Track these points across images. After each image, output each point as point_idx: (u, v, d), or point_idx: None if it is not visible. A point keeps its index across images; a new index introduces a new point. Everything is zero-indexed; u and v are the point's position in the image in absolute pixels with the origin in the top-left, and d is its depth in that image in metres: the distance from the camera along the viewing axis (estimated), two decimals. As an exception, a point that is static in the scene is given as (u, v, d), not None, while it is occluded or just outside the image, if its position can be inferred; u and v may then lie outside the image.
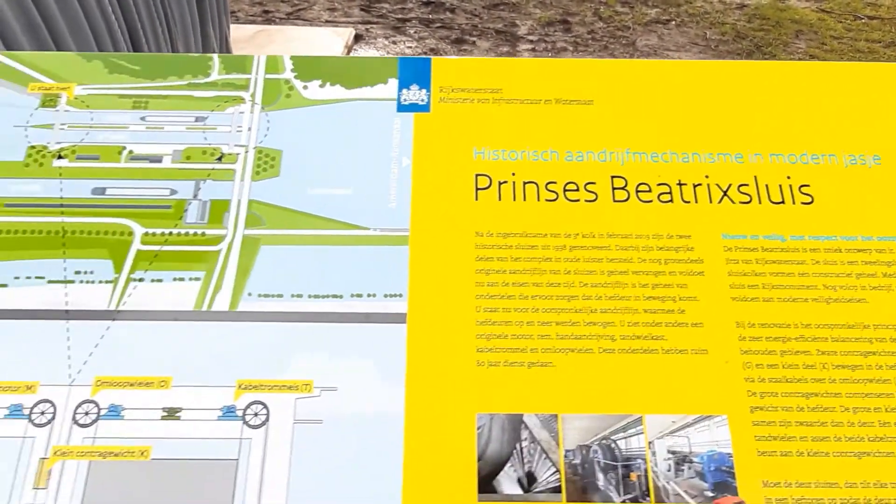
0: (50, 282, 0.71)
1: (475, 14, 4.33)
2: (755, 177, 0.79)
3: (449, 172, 0.78)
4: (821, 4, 4.85)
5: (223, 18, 2.81)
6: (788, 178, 0.79)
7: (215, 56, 0.83)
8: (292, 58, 0.83)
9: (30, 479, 0.64)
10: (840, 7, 4.86)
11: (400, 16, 4.29)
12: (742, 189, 0.79)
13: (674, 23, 4.42)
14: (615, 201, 0.77)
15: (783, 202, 0.77)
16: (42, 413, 0.66)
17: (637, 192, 0.78)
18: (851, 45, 4.44)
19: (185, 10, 2.44)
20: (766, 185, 0.78)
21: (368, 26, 4.22)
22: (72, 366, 0.68)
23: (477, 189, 0.77)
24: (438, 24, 4.25)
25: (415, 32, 4.20)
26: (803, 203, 0.78)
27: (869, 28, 4.64)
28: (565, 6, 4.49)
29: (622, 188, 0.78)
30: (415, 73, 0.83)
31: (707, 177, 0.79)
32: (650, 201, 0.77)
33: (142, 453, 0.65)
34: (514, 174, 0.78)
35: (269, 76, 0.83)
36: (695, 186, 0.78)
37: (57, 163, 0.78)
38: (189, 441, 0.65)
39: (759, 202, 0.78)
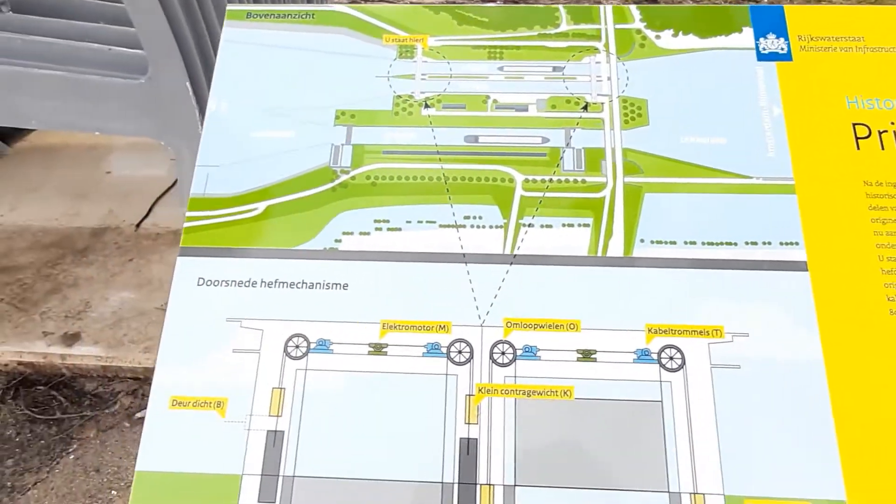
0: (441, 226, 0.73)
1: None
2: None
3: (824, 121, 0.76)
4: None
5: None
6: None
7: (561, 7, 0.83)
8: (640, 7, 0.83)
9: (460, 413, 0.65)
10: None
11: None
12: None
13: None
14: None
15: None
16: (459, 352, 0.68)
17: None
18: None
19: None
20: None
21: None
22: (479, 307, 0.69)
23: (857, 138, 0.75)
24: None
25: None
26: None
27: None
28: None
29: None
30: (769, 21, 0.81)
31: None
32: None
33: (564, 393, 0.66)
34: (892, 123, 0.76)
35: (618, 26, 0.83)
36: None
37: (425, 111, 0.79)
38: (608, 382, 0.66)
39: None
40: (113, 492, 1.72)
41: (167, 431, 0.64)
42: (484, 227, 0.72)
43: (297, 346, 0.67)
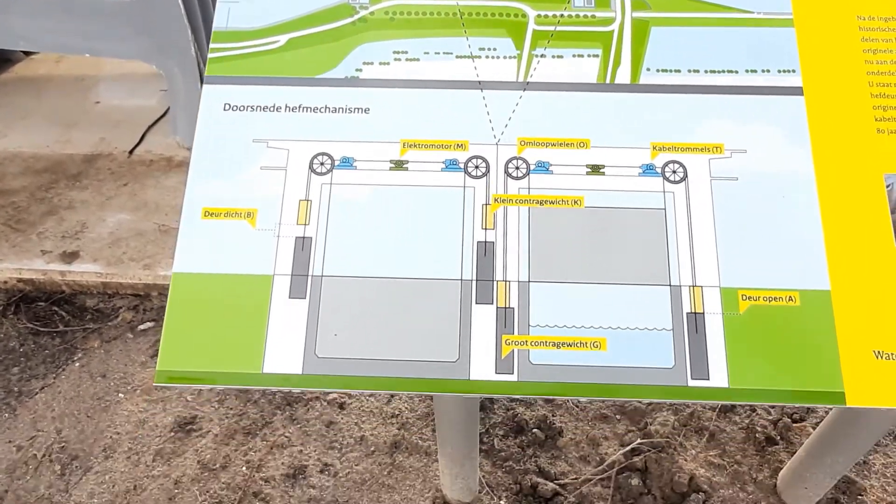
0: (458, 56, 0.76)
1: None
2: None
3: (820, -38, 0.80)
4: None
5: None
6: None
7: None
8: None
9: (478, 220, 0.70)
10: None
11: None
12: None
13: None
14: None
15: None
16: (476, 167, 0.72)
17: None
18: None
19: None
20: None
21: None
22: (494, 128, 0.73)
23: (853, -25, 0.79)
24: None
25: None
26: None
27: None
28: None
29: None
30: None
31: None
32: None
33: (575, 202, 0.70)
34: (885, -36, 0.80)
35: None
36: None
37: (441, -48, 0.81)
38: (616, 193, 0.71)
39: None
40: (120, 394, 1.77)
41: (200, 238, 0.68)
42: (498, 57, 0.75)
43: (321, 164, 0.70)
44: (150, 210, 2.26)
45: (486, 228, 0.69)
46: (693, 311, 0.65)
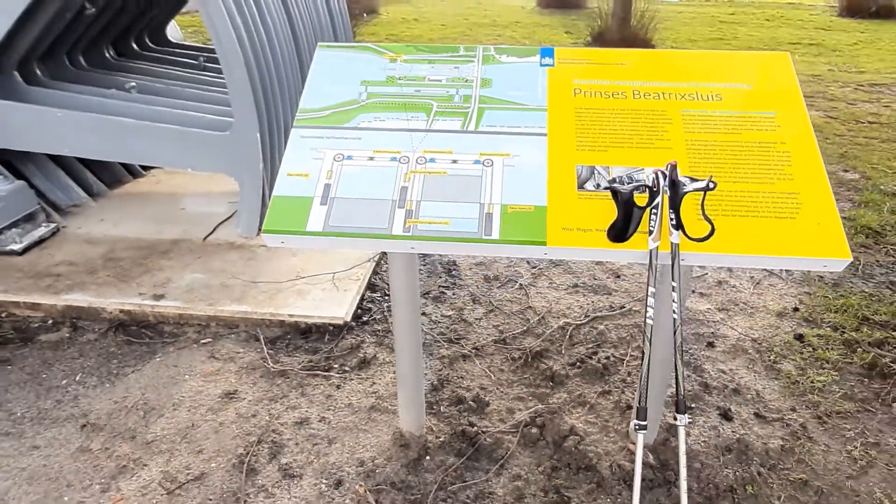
0: (399, 120, 1.73)
1: None
2: None
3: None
4: None
5: None
6: None
7: None
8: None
9: (401, 179, 1.61)
10: None
11: None
12: None
13: None
14: None
15: None
16: (403, 160, 1.65)
17: None
18: None
19: None
20: None
21: None
22: (414, 145, 1.67)
23: None
24: None
25: None
26: None
27: None
28: None
29: None
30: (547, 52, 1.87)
31: None
32: None
33: (446, 172, 1.61)
34: None
35: None
36: None
37: None
38: (463, 169, 1.62)
39: None
40: (186, 377, 2.54)
41: (284, 182, 1.59)
42: (417, 120, 1.72)
43: (337, 157, 1.63)
44: (215, 273, 3.19)
45: (405, 184, 1.59)
46: (489, 212, 1.52)
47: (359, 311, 2.92)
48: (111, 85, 3.67)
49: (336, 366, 2.58)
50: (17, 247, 3.20)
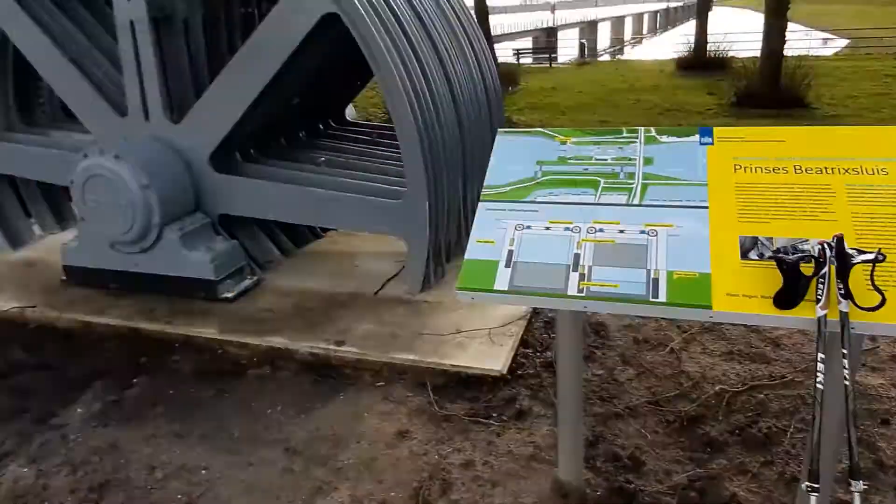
0: (574, 195, 1.98)
1: None
2: None
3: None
4: None
5: None
6: None
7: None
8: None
9: (574, 246, 1.84)
10: None
11: None
12: None
13: None
14: None
15: None
16: (575, 230, 1.89)
17: None
18: None
19: None
20: None
21: None
22: (583, 217, 1.91)
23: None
24: None
25: None
26: None
27: None
28: None
29: None
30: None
31: None
32: None
33: (613, 241, 1.83)
34: None
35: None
36: None
37: None
38: (630, 238, 1.82)
39: None
40: (365, 414, 2.89)
41: (475, 247, 1.88)
42: (587, 195, 1.96)
43: (518, 226, 1.92)
44: (385, 324, 3.58)
45: (577, 251, 1.82)
46: (655, 277, 1.70)
47: (514, 364, 3.14)
48: (306, 160, 4.34)
49: (495, 414, 2.80)
50: (230, 295, 3.83)
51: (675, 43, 20.31)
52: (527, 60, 23.92)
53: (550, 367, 3.09)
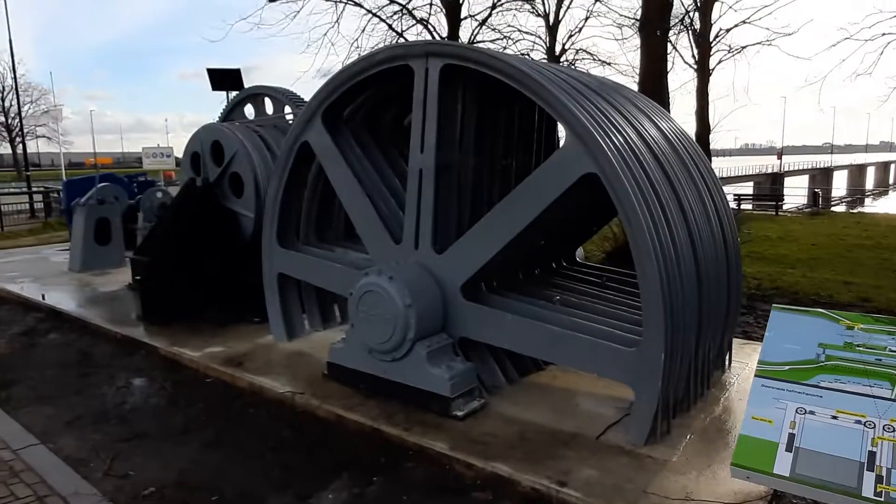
0: (855, 392, 1.91)
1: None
2: None
3: None
4: None
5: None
6: None
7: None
8: None
9: (868, 441, 1.75)
10: None
11: None
12: None
13: None
14: None
15: None
16: (869, 425, 1.80)
17: None
18: None
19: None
20: None
21: None
22: (879, 411, 1.82)
23: None
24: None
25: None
26: None
27: None
28: None
29: None
30: None
31: None
32: None
33: (918, 447, 1.71)
34: None
35: None
36: None
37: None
38: (940, 448, 1.69)
39: None
40: None
41: (750, 425, 1.89)
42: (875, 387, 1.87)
43: (798, 411, 1.87)
44: (607, 472, 3.53)
45: (872, 448, 1.73)
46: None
47: (755, 550, 2.87)
48: (541, 296, 4.64)
49: None
50: (460, 413, 4.12)
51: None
52: (747, 206, 22.86)
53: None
